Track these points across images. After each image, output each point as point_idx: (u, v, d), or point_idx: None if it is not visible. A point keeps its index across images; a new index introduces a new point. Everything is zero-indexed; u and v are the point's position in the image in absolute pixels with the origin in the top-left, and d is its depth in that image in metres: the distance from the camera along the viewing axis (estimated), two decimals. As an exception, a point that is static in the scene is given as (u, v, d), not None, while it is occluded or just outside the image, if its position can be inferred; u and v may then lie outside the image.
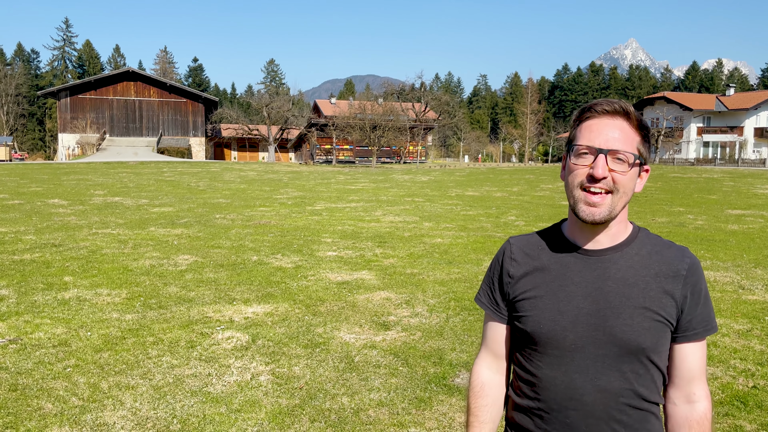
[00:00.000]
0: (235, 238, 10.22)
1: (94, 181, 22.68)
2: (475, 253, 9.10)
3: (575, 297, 1.38)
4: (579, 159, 1.36)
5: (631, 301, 1.34)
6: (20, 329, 5.27)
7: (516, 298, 1.45)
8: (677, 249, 1.41)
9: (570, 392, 1.36)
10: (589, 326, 1.35)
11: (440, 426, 3.58)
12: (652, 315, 1.34)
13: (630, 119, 1.37)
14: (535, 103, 73.38)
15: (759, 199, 18.23)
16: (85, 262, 8.07)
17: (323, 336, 5.18)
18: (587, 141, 1.35)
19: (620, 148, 1.34)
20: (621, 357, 1.33)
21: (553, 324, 1.37)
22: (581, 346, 1.35)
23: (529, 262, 1.46)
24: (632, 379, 1.34)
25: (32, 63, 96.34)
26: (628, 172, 1.34)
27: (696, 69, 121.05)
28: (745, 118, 60.88)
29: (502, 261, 1.51)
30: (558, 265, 1.42)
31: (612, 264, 1.38)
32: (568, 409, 1.36)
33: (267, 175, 29.45)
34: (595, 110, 1.37)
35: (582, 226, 1.41)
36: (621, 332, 1.33)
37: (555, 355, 1.38)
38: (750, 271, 7.91)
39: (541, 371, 1.40)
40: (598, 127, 1.36)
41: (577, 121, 1.41)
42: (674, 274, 1.37)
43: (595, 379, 1.34)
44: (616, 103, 1.37)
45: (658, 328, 1.34)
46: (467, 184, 25.68)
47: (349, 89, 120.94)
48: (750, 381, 4.23)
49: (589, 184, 1.34)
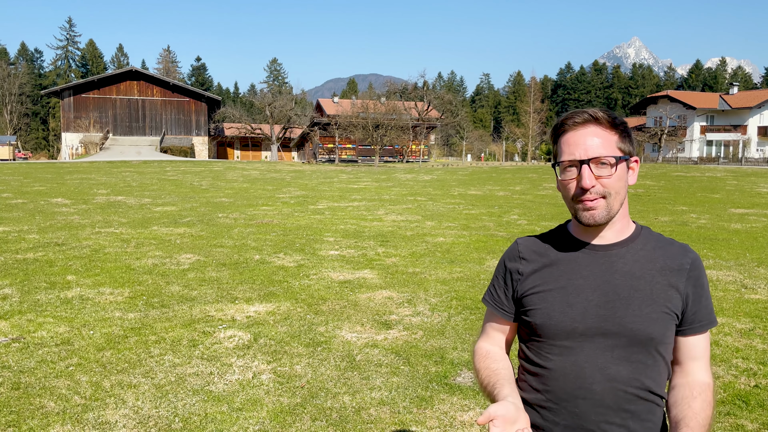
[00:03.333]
0: (237, 237, 10.23)
1: (97, 181, 22.73)
2: (477, 252, 9.10)
3: (584, 290, 1.43)
4: (566, 173, 1.43)
5: (640, 293, 1.39)
6: (23, 328, 5.29)
7: (525, 293, 1.50)
8: (679, 245, 1.47)
9: (580, 381, 1.39)
10: (599, 317, 1.40)
11: (441, 425, 3.59)
12: (659, 307, 1.39)
13: (600, 123, 1.42)
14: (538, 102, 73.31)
15: (762, 198, 18.17)
16: (88, 261, 8.09)
17: (325, 335, 5.18)
18: (569, 155, 1.42)
19: (600, 153, 1.39)
20: (630, 347, 1.38)
21: (563, 315, 1.42)
22: (591, 336, 1.40)
23: (538, 260, 1.51)
24: (640, 369, 1.38)
25: (36, 62, 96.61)
26: (614, 174, 1.39)
27: (699, 67, 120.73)
28: (748, 116, 60.69)
29: (509, 261, 1.56)
30: (566, 260, 1.48)
31: (619, 258, 1.44)
32: (578, 398, 1.40)
33: (270, 174, 29.47)
34: (567, 124, 1.44)
35: (585, 227, 1.46)
36: (631, 323, 1.37)
37: (564, 346, 1.42)
38: (753, 270, 7.89)
39: (549, 362, 1.44)
40: (575, 139, 1.42)
41: (554, 138, 1.48)
42: (678, 269, 1.42)
43: (605, 368, 1.38)
44: (584, 112, 1.43)
45: (666, 320, 1.39)
46: (470, 183, 25.66)
47: (351, 88, 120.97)
48: (752, 380, 4.22)
49: (581, 195, 1.40)
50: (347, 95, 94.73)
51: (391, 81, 68.90)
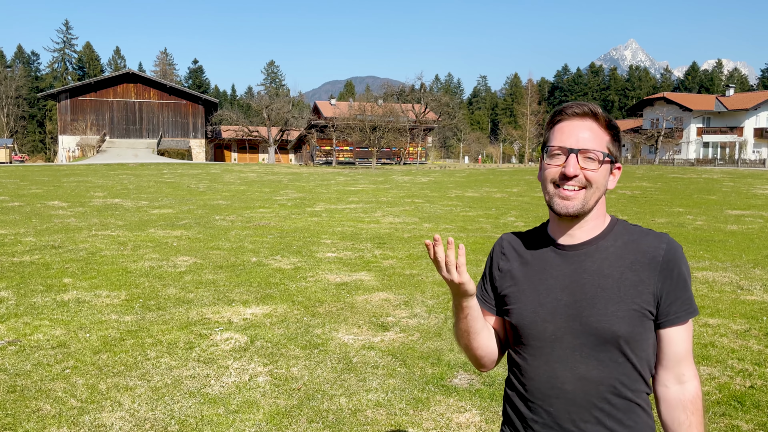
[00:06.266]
0: (234, 240, 10.23)
1: (94, 183, 22.69)
2: (474, 254, 9.11)
3: (554, 290, 1.44)
4: (552, 159, 1.44)
5: (606, 292, 1.40)
6: (19, 331, 5.28)
7: (503, 291, 1.53)
8: (654, 236, 1.45)
9: (552, 381, 1.42)
10: (567, 317, 1.41)
11: (438, 426, 3.59)
12: (626, 304, 1.38)
13: (598, 120, 1.44)
14: (535, 104, 73.31)
15: (758, 200, 18.23)
16: (85, 264, 8.08)
17: (321, 337, 5.19)
18: (559, 142, 1.43)
19: (590, 147, 1.41)
20: (598, 346, 1.39)
21: (534, 315, 1.45)
22: (560, 336, 1.42)
23: (516, 258, 1.54)
24: (611, 367, 1.39)
25: (32, 65, 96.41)
26: (598, 169, 1.41)
27: (696, 69, 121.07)
28: (744, 118, 60.87)
29: (493, 256, 1.60)
30: (539, 260, 1.50)
31: (587, 257, 1.45)
32: (551, 397, 1.42)
33: (267, 177, 29.46)
34: (565, 113, 1.45)
35: (559, 221, 1.48)
36: (596, 322, 1.38)
37: (537, 346, 1.45)
38: (749, 271, 7.91)
39: (525, 362, 1.47)
40: (569, 129, 1.43)
41: (550, 124, 1.49)
42: (650, 262, 1.40)
43: (575, 368, 1.40)
44: (585, 105, 1.44)
45: (634, 317, 1.38)
46: (467, 185, 25.69)
47: (349, 90, 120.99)
48: (747, 381, 4.23)
49: (561, 182, 1.41)
50: (344, 97, 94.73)
51: (389, 83, 68.85)
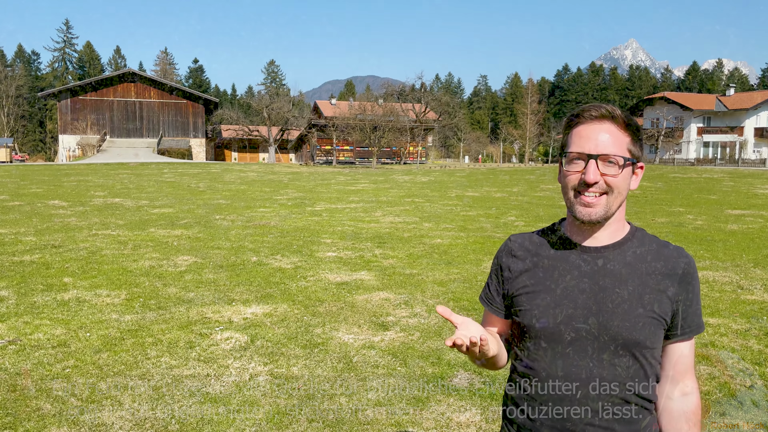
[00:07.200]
0: (234, 239, 10.23)
1: (94, 183, 22.70)
2: (474, 253, 9.11)
3: (572, 292, 1.41)
4: (571, 165, 1.40)
5: (627, 297, 1.38)
6: (19, 330, 5.28)
7: (515, 293, 1.49)
8: (674, 248, 1.44)
9: (565, 384, 1.39)
10: (585, 321, 1.38)
11: (438, 426, 3.59)
12: (647, 312, 1.37)
13: (617, 121, 1.40)
14: (536, 104, 73.35)
15: (759, 199, 18.23)
16: (85, 263, 8.08)
17: (322, 336, 5.19)
18: (578, 147, 1.39)
19: (610, 152, 1.37)
20: (616, 351, 1.37)
21: (550, 317, 1.41)
22: (576, 339, 1.38)
23: (529, 258, 1.50)
24: (626, 373, 1.37)
25: (33, 64, 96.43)
26: (619, 174, 1.37)
27: (696, 69, 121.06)
28: (745, 118, 60.84)
29: (501, 257, 1.55)
30: (557, 261, 1.46)
31: (609, 261, 1.41)
32: (563, 400, 1.39)
33: (267, 176, 29.46)
34: (582, 116, 1.41)
35: (580, 225, 1.44)
36: (617, 327, 1.36)
37: (551, 348, 1.41)
38: (749, 271, 7.92)
39: (537, 364, 1.43)
40: (587, 133, 1.39)
41: (566, 127, 1.45)
42: (670, 273, 1.40)
43: (590, 372, 1.37)
44: (603, 107, 1.40)
45: (653, 325, 1.37)
46: (467, 184, 25.68)
47: (349, 90, 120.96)
48: (747, 380, 4.23)
49: (582, 188, 1.38)
50: (345, 97, 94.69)
51: (389, 83, 68.81)
